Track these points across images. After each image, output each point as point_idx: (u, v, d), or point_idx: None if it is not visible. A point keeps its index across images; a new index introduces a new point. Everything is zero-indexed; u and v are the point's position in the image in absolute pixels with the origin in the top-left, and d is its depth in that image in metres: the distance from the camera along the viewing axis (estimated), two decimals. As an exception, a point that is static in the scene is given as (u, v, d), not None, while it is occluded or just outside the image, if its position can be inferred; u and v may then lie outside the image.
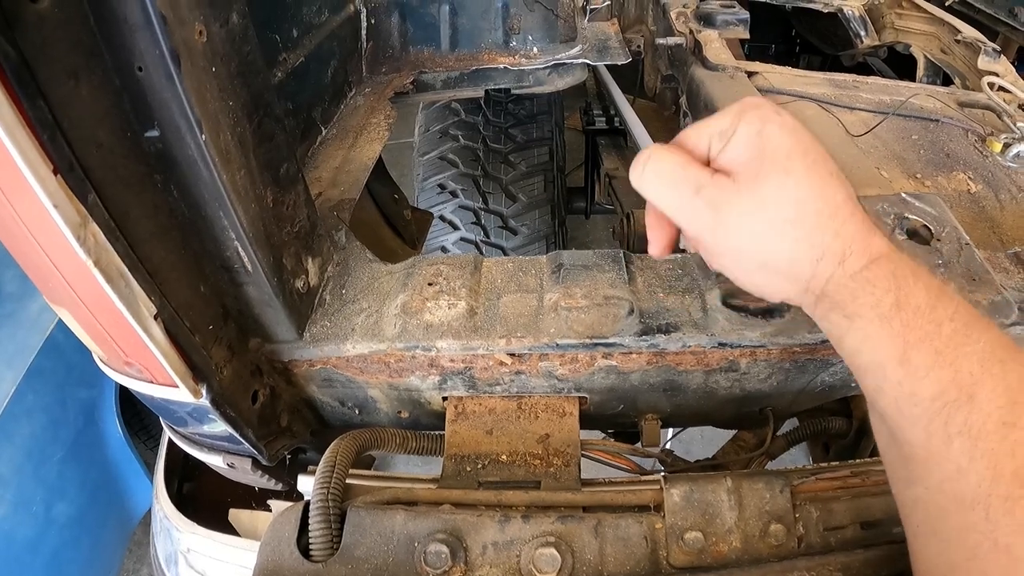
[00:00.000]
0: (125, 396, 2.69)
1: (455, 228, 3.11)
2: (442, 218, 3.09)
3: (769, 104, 0.79)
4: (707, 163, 0.82)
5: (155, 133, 0.80)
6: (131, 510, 2.78)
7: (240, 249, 0.91)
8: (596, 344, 1.06)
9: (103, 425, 2.62)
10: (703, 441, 2.95)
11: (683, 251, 1.60)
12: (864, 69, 3.57)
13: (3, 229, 0.77)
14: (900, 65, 3.37)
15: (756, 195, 0.76)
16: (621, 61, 2.05)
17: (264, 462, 1.13)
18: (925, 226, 1.27)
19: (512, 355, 1.08)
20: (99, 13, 0.71)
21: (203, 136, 0.79)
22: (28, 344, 2.30)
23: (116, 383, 2.45)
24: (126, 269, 0.78)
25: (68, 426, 2.45)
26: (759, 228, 0.76)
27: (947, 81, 2.77)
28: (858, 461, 1.08)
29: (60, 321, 2.27)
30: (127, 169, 0.79)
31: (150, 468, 2.77)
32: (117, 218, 0.77)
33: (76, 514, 2.44)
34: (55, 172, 0.68)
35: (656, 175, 0.83)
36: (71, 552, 2.42)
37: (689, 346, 1.08)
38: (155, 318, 0.82)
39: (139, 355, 0.87)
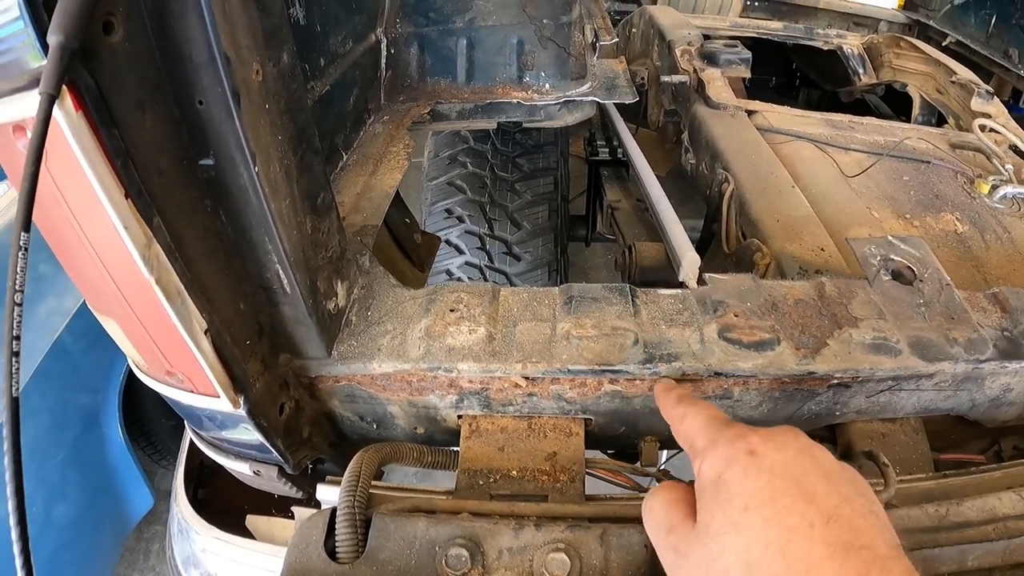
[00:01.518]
0: (128, 403, 2.70)
1: (460, 252, 3.16)
2: (448, 242, 3.15)
3: (745, 438, 0.72)
4: None
5: (210, 162, 0.86)
6: (128, 515, 2.79)
7: (281, 272, 0.97)
8: (604, 370, 1.13)
9: (105, 430, 2.63)
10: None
11: (682, 285, 1.67)
12: (862, 105, 3.64)
13: (62, 244, 0.84)
14: (897, 102, 3.44)
15: (708, 550, 0.67)
16: (629, 100, 2.11)
17: (289, 471, 1.20)
18: (909, 267, 1.33)
19: (527, 378, 1.15)
20: (165, 49, 0.77)
21: (256, 168, 0.85)
22: (36, 346, 2.30)
23: (120, 389, 2.50)
24: (183, 287, 0.84)
25: (70, 429, 2.46)
26: None
27: (941, 120, 2.85)
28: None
29: (68, 325, 2.31)
30: (183, 195, 0.86)
31: (150, 475, 2.78)
32: (175, 240, 0.83)
33: (75, 517, 2.45)
34: (126, 196, 0.75)
35: (649, 511, 0.80)
36: (68, 554, 2.43)
37: (687, 374, 1.14)
38: (205, 333, 0.89)
39: (185, 366, 0.94)
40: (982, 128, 2.18)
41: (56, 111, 0.66)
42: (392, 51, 2.04)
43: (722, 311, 1.22)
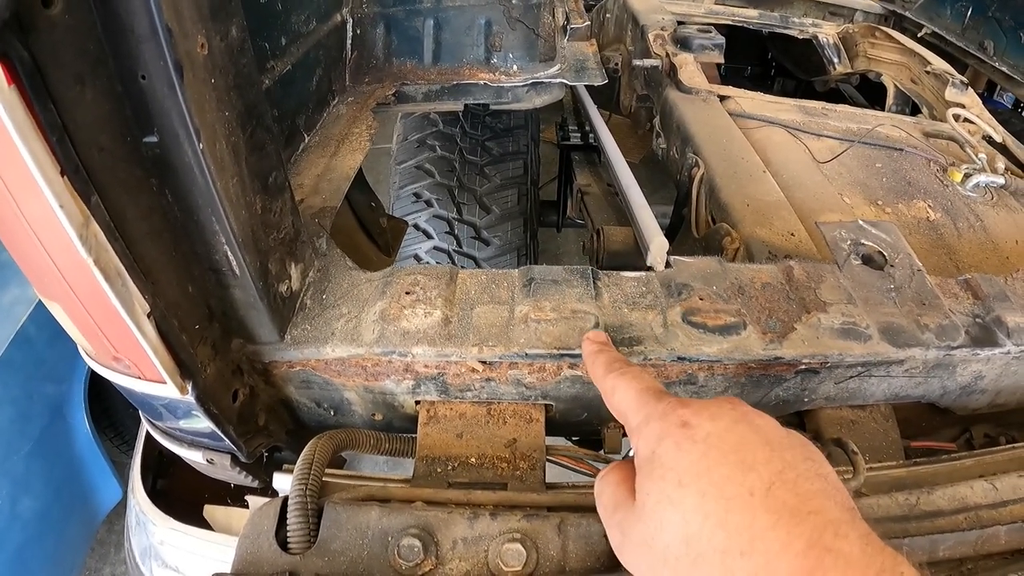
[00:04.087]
0: (94, 393, 2.67)
1: (429, 237, 3.14)
2: (416, 227, 3.12)
3: (677, 411, 0.68)
4: None
5: (154, 139, 0.83)
6: (96, 508, 2.75)
7: (229, 253, 0.95)
8: (563, 355, 1.11)
9: (71, 421, 2.59)
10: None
11: (649, 269, 1.66)
12: (836, 95, 3.65)
13: (3, 224, 0.81)
14: (871, 92, 3.45)
15: (647, 528, 0.64)
16: (598, 82, 2.09)
17: (243, 459, 1.17)
18: (880, 252, 1.33)
19: (483, 363, 1.13)
20: (107, 22, 0.74)
21: (201, 144, 0.82)
22: (-2, 336, 2.28)
23: (86, 379, 2.46)
24: (123, 268, 0.81)
25: (35, 420, 2.42)
26: (653, 565, 0.64)
27: (915, 110, 2.86)
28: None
29: (32, 314, 2.27)
30: (126, 172, 0.82)
31: (118, 466, 2.74)
32: (116, 219, 0.80)
33: (41, 510, 2.41)
34: (62, 173, 0.71)
35: (599, 494, 0.77)
36: (35, 549, 2.40)
37: (650, 359, 1.12)
38: (148, 316, 0.86)
39: (129, 351, 0.91)
40: (956, 118, 2.19)
41: (-16, 83, 0.62)
42: (358, 31, 2.01)
43: (686, 294, 1.20)
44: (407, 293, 1.19)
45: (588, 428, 1.30)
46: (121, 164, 0.81)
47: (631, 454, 0.76)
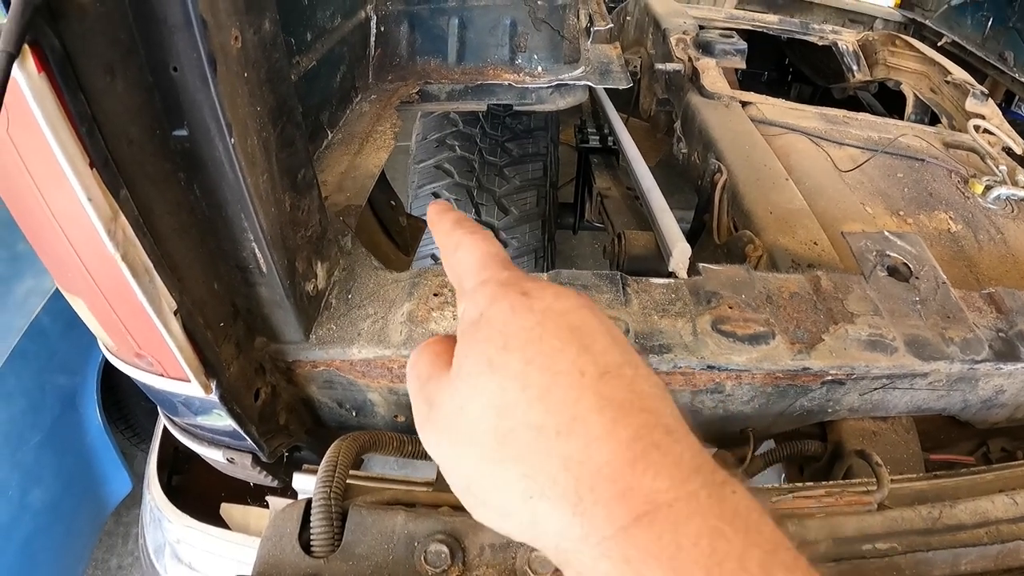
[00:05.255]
0: (106, 385, 2.66)
1: (446, 237, 3.08)
2: (434, 226, 3.06)
3: (522, 282, 0.57)
4: None
5: (183, 133, 0.82)
6: (105, 500, 2.74)
7: (257, 250, 0.93)
8: (592, 360, 1.09)
9: (83, 412, 2.58)
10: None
11: (671, 275, 1.65)
12: (854, 102, 3.62)
13: (27, 216, 0.79)
14: (889, 101, 3.42)
15: (457, 395, 0.54)
16: (623, 86, 2.07)
17: (264, 458, 1.16)
18: (905, 264, 1.32)
19: (511, 369, 1.11)
20: (139, 11, 0.73)
21: (232, 139, 0.81)
22: (13, 326, 2.26)
23: (99, 371, 2.45)
24: (151, 264, 0.80)
25: (47, 412, 2.41)
26: (457, 441, 0.54)
27: (934, 120, 2.83)
28: (833, 482, 1.12)
29: (46, 305, 2.27)
30: (154, 166, 0.81)
31: (129, 459, 2.74)
32: (144, 214, 0.79)
33: (51, 501, 2.40)
34: (91, 166, 0.70)
35: (411, 365, 0.62)
36: (44, 539, 2.38)
37: (679, 367, 1.11)
38: (175, 314, 0.84)
39: (154, 348, 0.89)
40: (976, 128, 2.17)
41: (17, 72, 0.61)
42: (382, 28, 1.99)
43: (716, 302, 1.19)
44: (435, 295, 1.18)
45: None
46: (150, 157, 0.80)
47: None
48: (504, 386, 0.50)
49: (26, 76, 0.62)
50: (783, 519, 1.01)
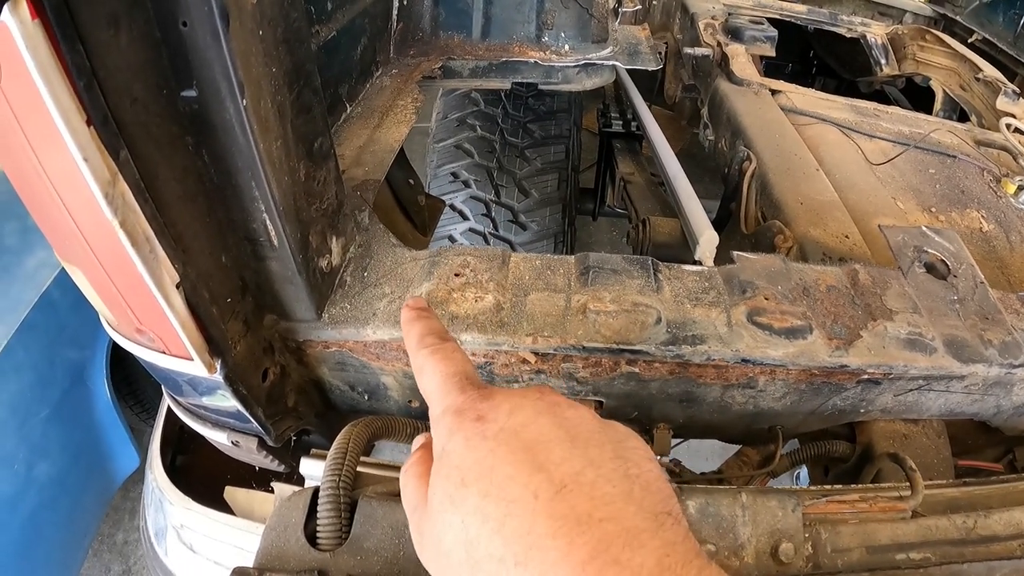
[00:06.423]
0: (116, 359, 2.63)
1: (464, 218, 3.08)
2: (452, 207, 3.06)
3: (476, 405, 0.60)
4: None
5: (192, 93, 0.76)
6: (113, 474, 2.73)
7: (268, 222, 0.88)
8: (622, 350, 1.04)
9: (91, 387, 2.56)
10: (689, 452, 2.94)
11: (696, 263, 1.60)
12: (880, 97, 3.56)
13: (22, 178, 0.74)
14: (916, 96, 3.36)
15: (433, 530, 0.58)
16: (652, 67, 2.03)
17: (270, 442, 1.11)
18: (943, 261, 1.28)
19: (536, 354, 1.06)
20: (147, -41, 0.67)
21: (244, 101, 0.76)
22: (22, 299, 2.23)
23: (108, 346, 2.43)
24: (152, 233, 0.75)
25: (55, 385, 2.38)
26: (442, 570, 0.58)
27: (963, 117, 2.78)
28: (865, 486, 1.07)
29: (56, 278, 2.24)
30: (159, 128, 0.76)
31: (137, 434, 2.73)
32: (146, 179, 0.73)
33: (58, 475, 2.38)
34: (88, 123, 0.65)
35: (402, 488, 0.67)
36: (50, 513, 2.37)
37: (713, 360, 1.06)
38: (177, 287, 0.79)
39: (154, 323, 0.84)
40: (1008, 127, 2.12)
41: (8, 17, 0.56)
42: (404, 1, 1.94)
43: (751, 293, 1.13)
44: (456, 275, 1.13)
45: (637, 427, 1.22)
46: (155, 118, 0.75)
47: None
48: (466, 521, 0.54)
49: (18, 22, 0.57)
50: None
